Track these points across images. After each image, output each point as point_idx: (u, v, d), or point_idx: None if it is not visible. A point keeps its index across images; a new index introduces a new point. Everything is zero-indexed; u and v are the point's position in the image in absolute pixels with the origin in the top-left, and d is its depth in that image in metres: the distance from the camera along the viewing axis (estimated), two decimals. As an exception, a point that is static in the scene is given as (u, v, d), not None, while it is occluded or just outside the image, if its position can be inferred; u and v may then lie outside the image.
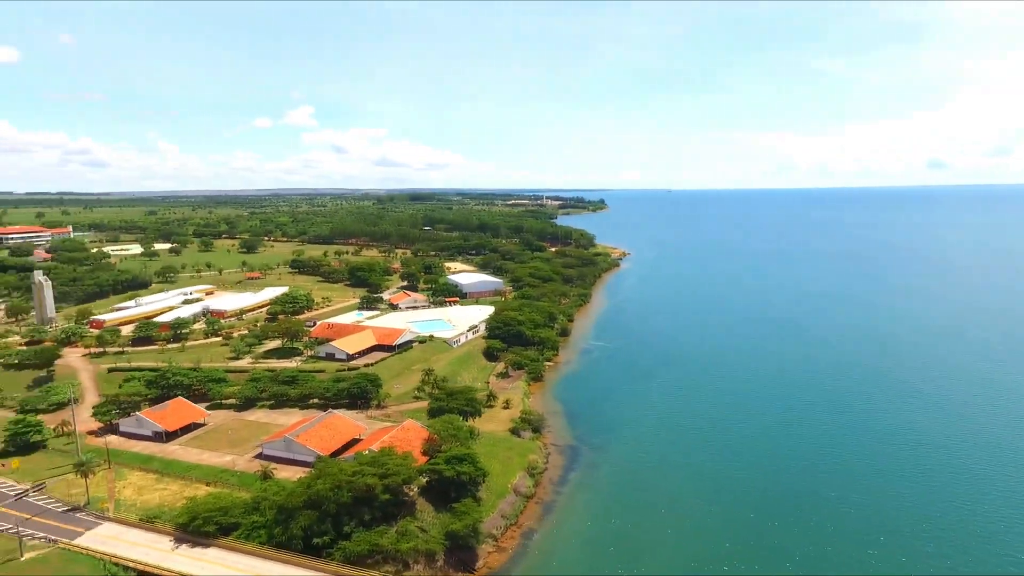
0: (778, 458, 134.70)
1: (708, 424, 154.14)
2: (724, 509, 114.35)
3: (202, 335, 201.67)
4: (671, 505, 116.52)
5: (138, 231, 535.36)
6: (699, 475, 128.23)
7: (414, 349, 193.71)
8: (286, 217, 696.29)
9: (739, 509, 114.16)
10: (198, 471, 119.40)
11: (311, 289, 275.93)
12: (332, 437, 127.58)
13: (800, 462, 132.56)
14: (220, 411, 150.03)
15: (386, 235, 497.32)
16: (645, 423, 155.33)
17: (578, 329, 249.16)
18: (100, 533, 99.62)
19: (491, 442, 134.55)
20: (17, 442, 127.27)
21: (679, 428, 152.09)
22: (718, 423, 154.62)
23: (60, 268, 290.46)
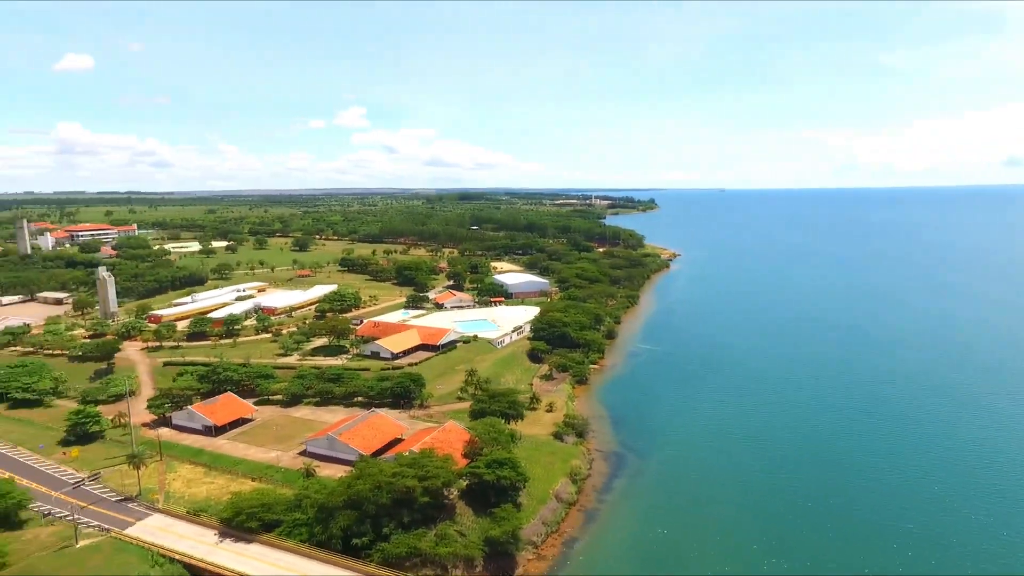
0: (832, 472, 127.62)
1: (758, 432, 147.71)
2: (773, 523, 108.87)
3: (253, 331, 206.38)
4: (718, 516, 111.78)
5: (197, 229, 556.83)
6: (748, 486, 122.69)
7: (458, 349, 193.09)
8: (338, 216, 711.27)
9: (789, 524, 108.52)
10: (244, 466, 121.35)
11: (359, 287, 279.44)
12: (374, 436, 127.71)
13: (856, 478, 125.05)
14: (267, 407, 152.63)
15: (434, 234, 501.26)
16: (693, 430, 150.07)
17: (625, 331, 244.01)
18: (150, 524, 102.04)
19: (533, 446, 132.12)
20: (77, 432, 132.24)
21: (728, 436, 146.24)
22: (769, 432, 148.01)
23: (123, 264, 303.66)
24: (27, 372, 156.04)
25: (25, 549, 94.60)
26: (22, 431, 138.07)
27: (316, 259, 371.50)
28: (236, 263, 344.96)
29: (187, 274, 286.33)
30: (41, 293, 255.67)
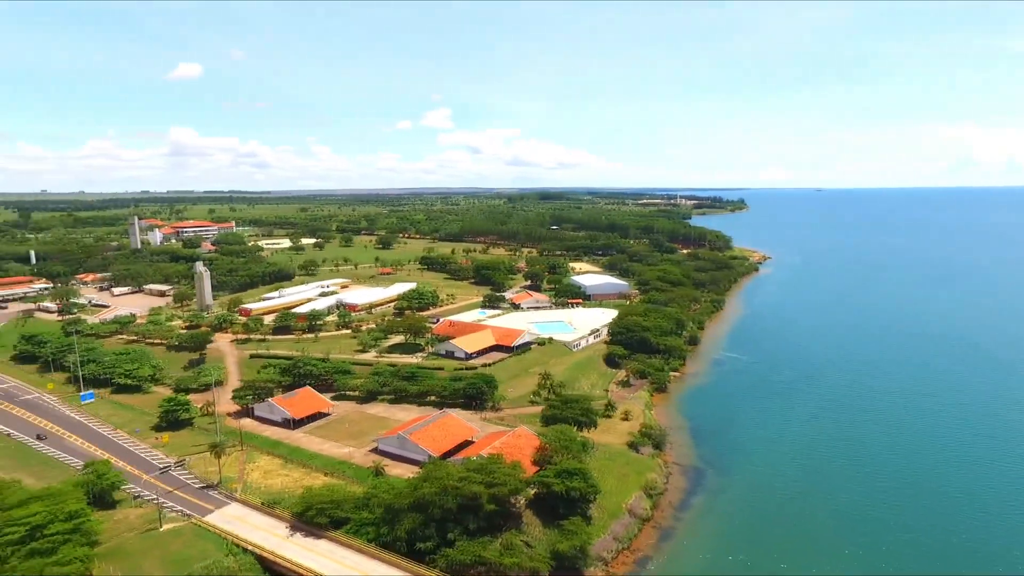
0: (941, 503, 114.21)
1: (855, 454, 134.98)
2: (869, 558, 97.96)
3: (334, 327, 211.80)
4: (806, 546, 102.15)
5: (290, 226, 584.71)
6: (842, 514, 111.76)
7: (533, 351, 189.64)
8: (421, 215, 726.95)
9: (887, 560, 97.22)
10: (318, 460, 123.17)
11: (437, 286, 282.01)
12: (444, 437, 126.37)
13: (972, 514, 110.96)
14: (344, 402, 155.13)
15: (514, 234, 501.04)
16: (781, 447, 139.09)
17: (709, 338, 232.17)
18: (227, 513, 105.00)
19: (607, 456, 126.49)
20: (169, 418, 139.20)
21: (820, 456, 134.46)
22: (867, 454, 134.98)
23: (220, 260, 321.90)
24: (129, 359, 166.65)
25: (115, 528, 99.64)
26: (122, 415, 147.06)
27: (398, 257, 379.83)
28: (322, 260, 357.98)
29: (276, 270, 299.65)
30: (148, 285, 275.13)
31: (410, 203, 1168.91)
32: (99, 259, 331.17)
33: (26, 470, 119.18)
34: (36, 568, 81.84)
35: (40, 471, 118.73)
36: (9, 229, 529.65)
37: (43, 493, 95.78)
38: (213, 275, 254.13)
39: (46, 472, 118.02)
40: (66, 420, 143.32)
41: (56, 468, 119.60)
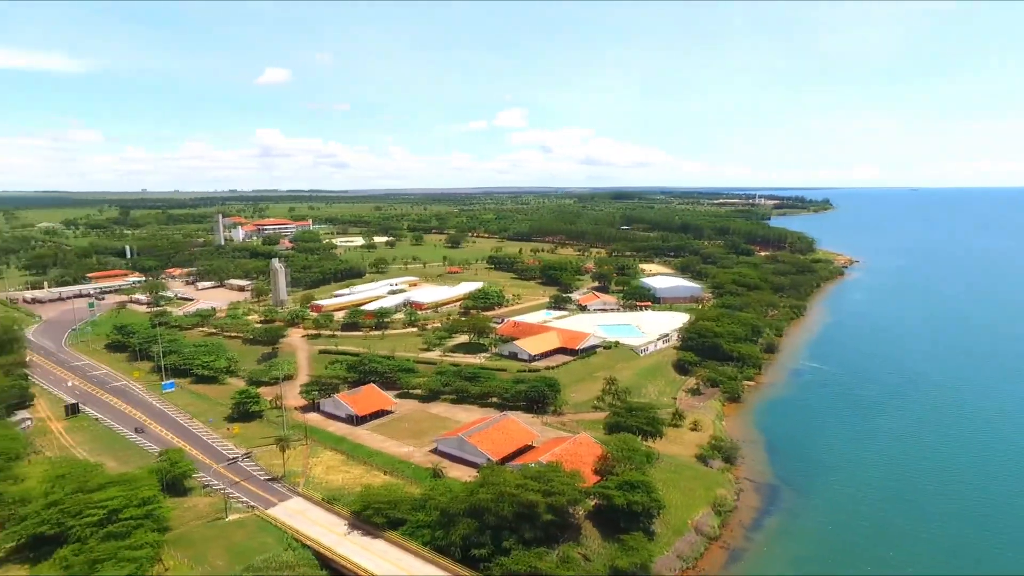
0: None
1: (953, 481, 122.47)
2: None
3: (401, 325, 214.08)
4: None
5: (363, 225, 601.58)
6: (938, 547, 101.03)
7: (598, 355, 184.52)
8: (491, 214, 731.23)
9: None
10: (379, 458, 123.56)
11: (504, 285, 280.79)
12: (504, 441, 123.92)
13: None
14: (407, 400, 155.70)
15: (583, 234, 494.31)
16: (867, 469, 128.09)
17: (788, 346, 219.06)
18: (289, 506, 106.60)
19: (672, 468, 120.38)
20: (240, 410, 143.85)
21: (912, 482, 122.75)
22: (967, 481, 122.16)
23: (296, 256, 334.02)
24: (207, 351, 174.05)
25: (185, 516, 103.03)
26: (198, 405, 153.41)
27: (466, 256, 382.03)
28: (393, 258, 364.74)
29: (348, 267, 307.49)
30: (229, 280, 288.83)
31: (481, 202, 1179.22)
32: (186, 254, 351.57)
33: (110, 454, 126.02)
34: (111, 550, 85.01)
35: (123, 455, 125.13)
36: (111, 226, 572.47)
37: (121, 478, 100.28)
38: (288, 271, 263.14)
39: (128, 457, 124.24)
40: (148, 407, 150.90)
41: (137, 453, 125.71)
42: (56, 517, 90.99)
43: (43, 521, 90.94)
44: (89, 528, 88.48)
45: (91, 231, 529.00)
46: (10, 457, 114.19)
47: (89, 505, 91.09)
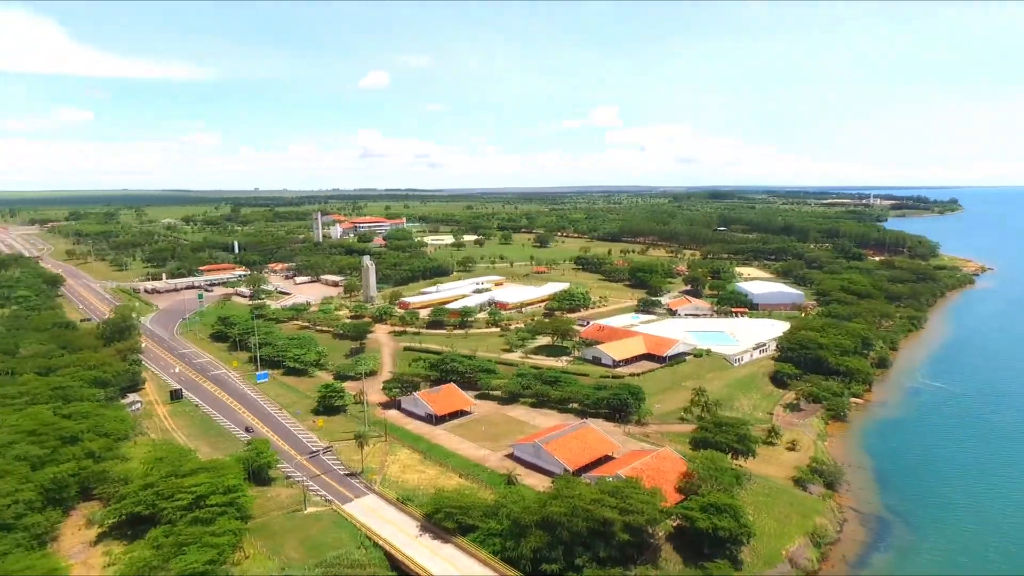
0: None
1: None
2: None
3: (484, 324, 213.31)
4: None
5: (454, 223, 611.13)
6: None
7: (687, 363, 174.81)
8: (581, 213, 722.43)
9: None
10: (455, 460, 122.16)
11: (590, 287, 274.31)
12: (582, 450, 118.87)
13: None
14: (486, 402, 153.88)
15: (676, 234, 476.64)
16: (997, 508, 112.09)
17: (904, 361, 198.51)
18: (364, 503, 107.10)
19: (765, 491, 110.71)
20: (325, 403, 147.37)
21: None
22: None
23: (387, 254, 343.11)
24: (298, 344, 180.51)
25: (266, 505, 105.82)
26: (288, 396, 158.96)
27: (553, 256, 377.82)
28: (480, 257, 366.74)
29: (436, 265, 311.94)
30: (324, 276, 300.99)
31: (572, 201, 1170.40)
32: (287, 250, 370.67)
33: (205, 439, 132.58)
34: (196, 535, 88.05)
35: (216, 442, 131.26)
36: (223, 222, 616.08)
37: (210, 465, 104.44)
38: (378, 268, 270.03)
39: (220, 443, 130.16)
40: (242, 396, 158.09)
41: (228, 440, 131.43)
42: (150, 498, 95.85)
43: (139, 501, 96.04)
44: (179, 511, 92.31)
45: (206, 227, 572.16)
46: (118, 437, 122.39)
47: (180, 489, 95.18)
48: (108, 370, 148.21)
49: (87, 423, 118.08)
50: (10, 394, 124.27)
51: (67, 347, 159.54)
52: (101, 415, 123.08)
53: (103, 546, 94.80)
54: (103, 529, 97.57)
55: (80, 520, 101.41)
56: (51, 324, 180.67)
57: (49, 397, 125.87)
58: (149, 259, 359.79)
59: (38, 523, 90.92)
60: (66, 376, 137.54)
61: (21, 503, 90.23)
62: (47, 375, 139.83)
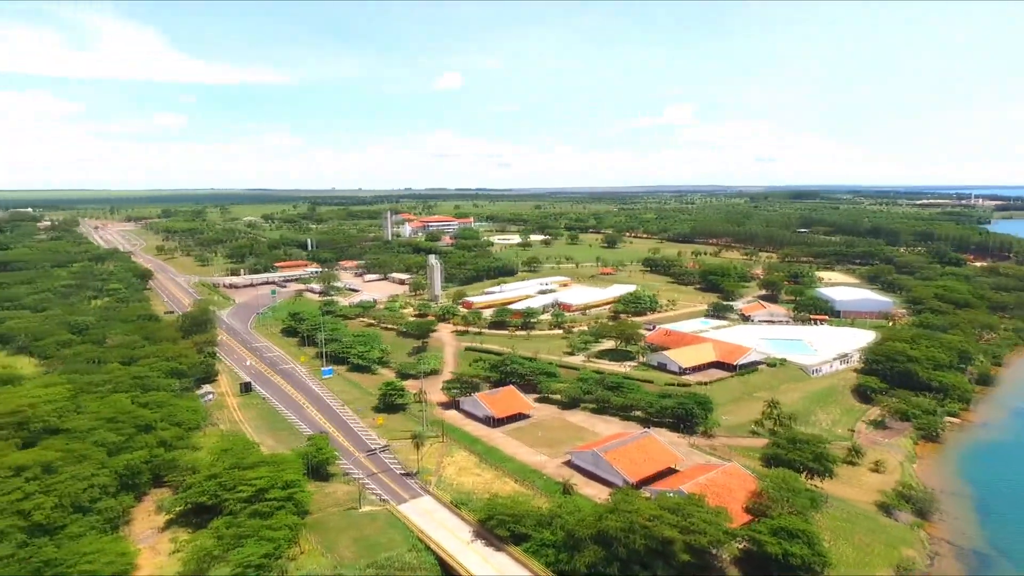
0: None
1: None
2: None
3: (547, 326, 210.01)
4: None
5: (521, 223, 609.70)
6: None
7: (760, 372, 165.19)
8: (651, 213, 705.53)
9: None
10: (511, 464, 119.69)
11: (658, 289, 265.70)
12: (643, 461, 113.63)
13: None
14: (545, 405, 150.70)
15: (752, 236, 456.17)
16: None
17: (1010, 379, 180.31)
18: (419, 505, 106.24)
19: (844, 515, 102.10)
20: (386, 401, 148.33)
21: None
22: None
23: (454, 253, 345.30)
24: (363, 341, 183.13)
25: (324, 501, 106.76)
26: (351, 392, 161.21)
27: (621, 257, 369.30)
28: (546, 257, 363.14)
29: (501, 265, 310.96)
30: (392, 274, 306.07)
31: (643, 201, 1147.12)
32: (357, 248, 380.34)
33: (270, 432, 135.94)
34: (255, 528, 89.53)
35: (281, 435, 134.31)
36: (300, 220, 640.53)
37: (272, 458, 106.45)
38: (444, 268, 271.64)
39: (284, 437, 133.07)
40: (308, 391, 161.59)
41: (293, 435, 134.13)
42: (214, 489, 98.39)
43: (203, 491, 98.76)
44: (240, 503, 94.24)
45: (284, 225, 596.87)
46: (189, 427, 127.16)
47: (242, 481, 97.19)
48: (184, 362, 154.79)
49: (162, 412, 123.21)
50: (95, 382, 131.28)
51: (150, 338, 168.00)
52: (175, 405, 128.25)
53: (171, 532, 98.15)
54: (171, 516, 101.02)
55: (151, 506, 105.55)
56: (136, 316, 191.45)
57: (129, 386, 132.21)
58: (230, 255, 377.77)
59: (111, 507, 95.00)
60: (145, 366, 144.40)
61: (97, 487, 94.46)
62: (130, 364, 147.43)
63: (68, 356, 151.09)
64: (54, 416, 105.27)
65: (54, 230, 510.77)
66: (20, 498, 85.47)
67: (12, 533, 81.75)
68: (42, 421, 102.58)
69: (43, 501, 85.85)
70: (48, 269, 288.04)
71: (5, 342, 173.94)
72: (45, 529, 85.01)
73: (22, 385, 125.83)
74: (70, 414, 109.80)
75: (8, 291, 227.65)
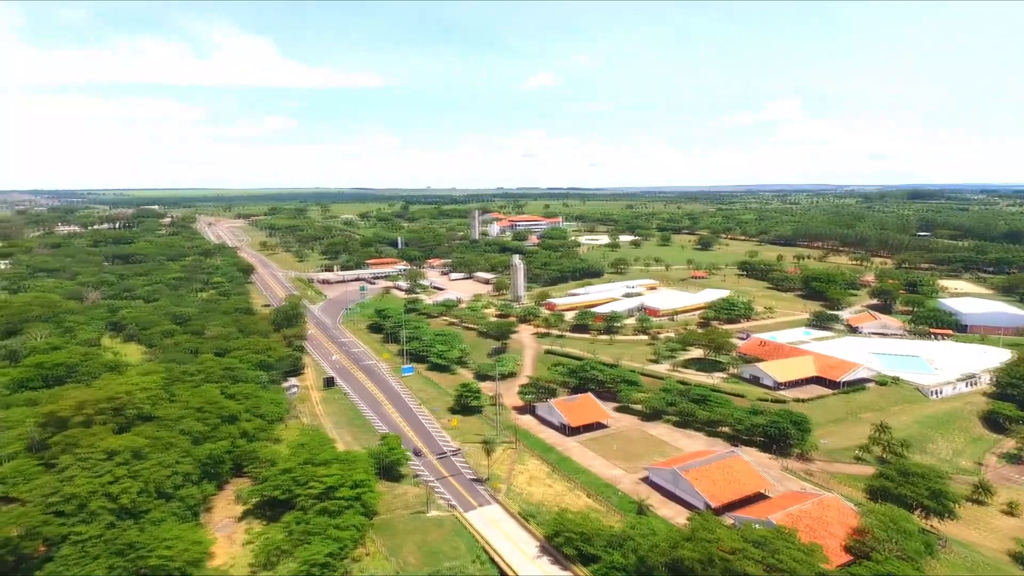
0: None
1: None
2: None
3: (631, 331, 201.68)
4: None
5: (611, 223, 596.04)
6: None
7: (868, 391, 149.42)
8: (751, 214, 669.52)
9: None
10: (584, 477, 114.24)
11: (754, 295, 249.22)
12: (728, 483, 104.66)
13: None
14: (625, 416, 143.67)
15: (862, 239, 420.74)
16: None
17: None
18: (486, 513, 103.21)
19: (967, 565, 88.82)
20: (462, 403, 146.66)
21: None
22: None
23: (539, 253, 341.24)
24: (443, 341, 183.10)
25: (393, 503, 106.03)
26: (429, 391, 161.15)
27: (715, 259, 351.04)
28: (635, 258, 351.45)
29: (587, 266, 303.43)
30: (477, 273, 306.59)
31: (742, 200, 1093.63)
32: (445, 247, 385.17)
33: (348, 428, 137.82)
34: (323, 525, 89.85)
35: (358, 432, 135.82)
36: (393, 219, 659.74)
37: (344, 456, 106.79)
38: (529, 268, 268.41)
39: (360, 434, 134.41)
40: (387, 388, 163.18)
41: (369, 432, 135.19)
42: (288, 484, 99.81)
43: (277, 485, 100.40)
44: (310, 500, 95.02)
45: (378, 223, 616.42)
46: (272, 419, 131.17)
47: (314, 478, 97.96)
48: (273, 354, 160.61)
49: (247, 403, 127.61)
50: (190, 371, 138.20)
51: (243, 330, 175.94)
52: (259, 397, 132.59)
53: (246, 523, 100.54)
54: (248, 507, 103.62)
55: (231, 495, 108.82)
56: (234, 309, 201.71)
57: (220, 377, 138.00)
58: (325, 252, 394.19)
59: (192, 495, 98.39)
60: (236, 358, 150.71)
61: (180, 475, 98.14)
62: (223, 355, 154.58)
63: (169, 345, 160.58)
64: (147, 404, 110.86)
65: (173, 226, 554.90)
66: (111, 481, 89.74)
67: (102, 515, 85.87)
68: (136, 408, 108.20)
69: (130, 485, 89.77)
70: (163, 262, 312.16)
71: (119, 329, 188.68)
72: (131, 512, 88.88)
73: (125, 372, 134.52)
74: (163, 402, 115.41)
75: (127, 282, 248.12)
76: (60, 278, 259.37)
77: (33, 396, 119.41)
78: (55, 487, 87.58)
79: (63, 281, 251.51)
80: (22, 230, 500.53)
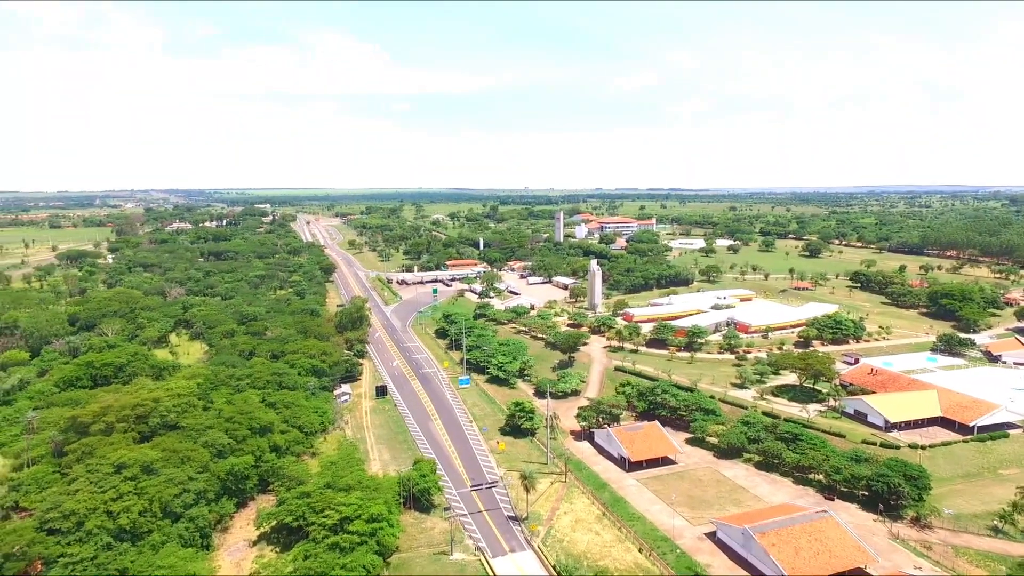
0: None
1: None
2: None
3: (716, 348, 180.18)
4: None
5: (709, 226, 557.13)
6: None
7: (1011, 440, 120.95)
8: (870, 218, 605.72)
9: None
10: (639, 525, 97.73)
11: (867, 312, 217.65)
12: (815, 554, 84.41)
13: None
14: (697, 450, 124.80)
15: (1009, 249, 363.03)
16: None
17: None
18: (517, 561, 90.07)
19: None
20: (512, 423, 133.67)
21: None
22: None
23: (623, 257, 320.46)
24: (506, 351, 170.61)
25: (416, 539, 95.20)
26: (483, 407, 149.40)
27: (824, 268, 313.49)
28: (731, 265, 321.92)
29: (674, 273, 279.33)
30: (556, 277, 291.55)
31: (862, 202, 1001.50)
32: (527, 249, 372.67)
33: (388, 444, 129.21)
34: (330, 562, 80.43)
35: (398, 449, 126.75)
36: (480, 218, 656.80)
37: (367, 482, 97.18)
38: (610, 273, 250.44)
39: (400, 452, 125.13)
40: (440, 400, 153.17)
41: (409, 451, 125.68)
42: (302, 509, 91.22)
43: (291, 511, 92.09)
44: (323, 531, 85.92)
45: (466, 223, 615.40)
46: (311, 431, 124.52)
47: (330, 505, 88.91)
48: (328, 359, 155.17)
49: (286, 413, 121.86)
50: (237, 375, 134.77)
51: (305, 332, 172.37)
52: (301, 406, 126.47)
53: (258, 549, 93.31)
54: (263, 531, 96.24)
55: (254, 513, 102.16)
56: (300, 309, 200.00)
57: (267, 383, 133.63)
58: (407, 251, 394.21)
59: (203, 515, 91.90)
60: (287, 362, 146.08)
61: (192, 492, 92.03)
62: (278, 358, 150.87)
63: (226, 346, 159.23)
64: (175, 412, 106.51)
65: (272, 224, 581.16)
66: (114, 497, 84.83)
67: (99, 534, 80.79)
68: (161, 416, 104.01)
69: (132, 504, 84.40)
70: (250, 259, 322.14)
71: (190, 327, 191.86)
72: (130, 533, 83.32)
73: (171, 375, 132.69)
74: (193, 410, 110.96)
75: (211, 279, 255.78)
76: (155, 273, 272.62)
77: (76, 396, 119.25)
78: (56, 501, 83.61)
79: (155, 276, 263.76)
80: (136, 227, 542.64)
